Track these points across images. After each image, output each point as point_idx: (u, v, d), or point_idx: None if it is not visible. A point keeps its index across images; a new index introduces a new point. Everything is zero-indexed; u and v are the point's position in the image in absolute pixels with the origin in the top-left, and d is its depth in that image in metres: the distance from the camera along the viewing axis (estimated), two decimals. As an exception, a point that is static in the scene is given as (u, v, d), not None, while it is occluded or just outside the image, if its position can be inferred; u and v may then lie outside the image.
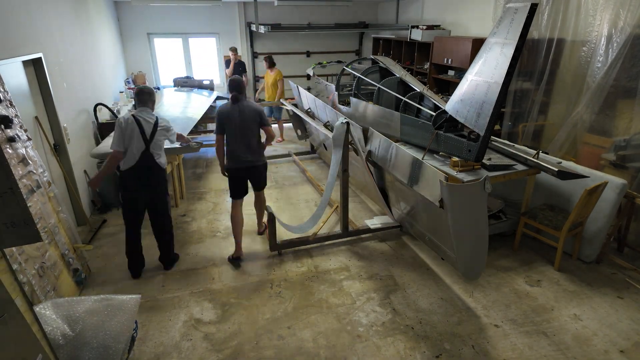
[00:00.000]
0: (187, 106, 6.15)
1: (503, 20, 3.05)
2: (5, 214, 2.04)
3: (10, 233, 2.09)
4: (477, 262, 2.84)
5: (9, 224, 2.07)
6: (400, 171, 3.29)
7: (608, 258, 3.77)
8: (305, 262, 3.82)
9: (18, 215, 2.07)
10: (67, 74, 4.43)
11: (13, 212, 2.06)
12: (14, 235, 2.10)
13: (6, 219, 2.05)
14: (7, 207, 2.04)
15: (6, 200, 2.03)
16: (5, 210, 2.04)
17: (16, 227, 2.09)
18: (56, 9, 4.34)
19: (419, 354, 2.76)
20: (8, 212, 2.04)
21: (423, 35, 6.38)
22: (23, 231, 2.10)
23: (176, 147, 4.32)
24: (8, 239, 2.12)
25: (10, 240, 2.14)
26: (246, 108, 3.58)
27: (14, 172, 2.24)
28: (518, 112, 5.19)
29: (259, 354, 2.77)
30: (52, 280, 2.94)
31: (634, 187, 3.80)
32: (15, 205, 2.05)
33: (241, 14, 8.13)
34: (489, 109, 3.08)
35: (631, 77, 3.87)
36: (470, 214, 2.63)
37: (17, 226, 2.09)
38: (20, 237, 2.12)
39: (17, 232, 2.10)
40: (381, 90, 4.85)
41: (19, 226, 2.09)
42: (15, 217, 2.06)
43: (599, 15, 4.11)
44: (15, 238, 2.12)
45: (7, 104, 2.98)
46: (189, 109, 5.93)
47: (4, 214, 2.04)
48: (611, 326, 2.97)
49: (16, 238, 2.13)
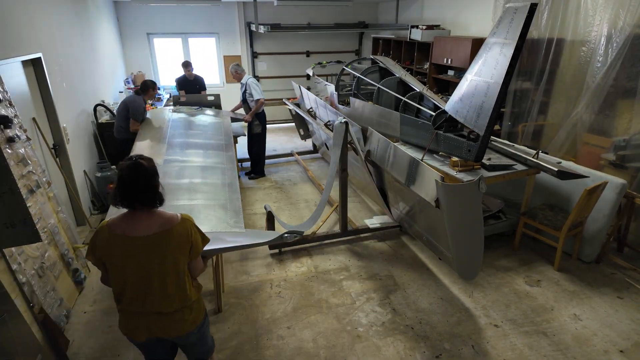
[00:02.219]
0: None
1: (503, 20, 3.05)
2: (5, 214, 2.04)
3: (10, 233, 2.09)
4: (473, 261, 2.84)
5: (8, 224, 2.07)
6: (398, 171, 3.29)
7: (608, 258, 3.77)
8: (305, 262, 3.82)
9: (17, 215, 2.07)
10: (66, 74, 4.42)
11: (12, 212, 2.06)
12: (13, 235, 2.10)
13: (6, 219, 2.05)
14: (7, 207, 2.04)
15: (6, 201, 2.03)
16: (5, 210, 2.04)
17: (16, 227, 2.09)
18: (56, 8, 4.34)
19: (418, 354, 2.76)
20: (7, 212, 2.05)
21: (423, 35, 6.38)
22: (22, 231, 2.11)
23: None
24: (7, 239, 2.12)
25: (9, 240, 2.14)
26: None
27: (14, 172, 2.24)
28: (518, 112, 5.19)
29: (259, 354, 2.77)
30: (52, 281, 2.94)
31: (634, 187, 3.80)
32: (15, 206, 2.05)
33: (241, 13, 8.13)
34: (489, 109, 3.08)
35: (631, 77, 3.87)
36: (465, 214, 2.63)
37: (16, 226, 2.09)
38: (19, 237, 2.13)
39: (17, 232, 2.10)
40: (381, 90, 4.85)
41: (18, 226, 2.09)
42: (15, 217, 2.07)
43: (598, 15, 4.11)
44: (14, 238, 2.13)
45: (6, 104, 2.98)
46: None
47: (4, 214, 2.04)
48: (611, 326, 2.97)
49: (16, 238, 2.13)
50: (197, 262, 1.90)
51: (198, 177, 3.43)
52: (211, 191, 3.19)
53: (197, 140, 4.34)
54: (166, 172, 3.43)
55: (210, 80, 8.64)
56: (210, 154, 4.00)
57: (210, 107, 5.87)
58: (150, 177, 1.75)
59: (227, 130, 4.82)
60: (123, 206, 1.75)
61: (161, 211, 1.80)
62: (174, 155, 3.82)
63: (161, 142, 4.17)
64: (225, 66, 8.46)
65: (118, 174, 1.73)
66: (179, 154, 3.87)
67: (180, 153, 3.91)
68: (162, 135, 4.40)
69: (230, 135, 4.70)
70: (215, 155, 3.96)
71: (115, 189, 1.74)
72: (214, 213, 2.84)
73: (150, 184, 1.74)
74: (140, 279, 1.75)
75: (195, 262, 1.89)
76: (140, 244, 1.72)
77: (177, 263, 1.78)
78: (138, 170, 1.71)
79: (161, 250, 1.74)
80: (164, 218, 1.77)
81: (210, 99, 5.98)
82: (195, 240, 1.82)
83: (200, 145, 4.20)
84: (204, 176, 3.46)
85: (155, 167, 1.80)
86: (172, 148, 4.02)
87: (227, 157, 3.96)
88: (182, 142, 4.23)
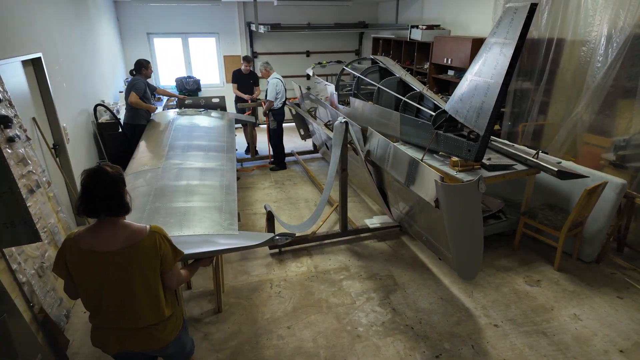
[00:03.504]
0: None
1: (503, 20, 3.05)
2: (5, 214, 2.04)
3: (10, 233, 2.09)
4: (473, 261, 2.84)
5: (8, 223, 2.07)
6: (398, 171, 3.29)
7: (608, 258, 3.77)
8: (305, 261, 3.82)
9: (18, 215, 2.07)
10: (66, 74, 4.42)
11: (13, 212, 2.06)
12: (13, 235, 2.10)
13: (6, 218, 2.05)
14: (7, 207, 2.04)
15: (6, 200, 2.03)
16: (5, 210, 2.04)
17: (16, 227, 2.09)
18: (56, 8, 4.34)
19: (418, 354, 2.76)
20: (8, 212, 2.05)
21: (423, 35, 6.38)
22: (22, 231, 2.11)
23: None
24: (8, 239, 2.12)
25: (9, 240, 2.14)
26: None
27: (14, 172, 2.24)
28: (518, 111, 5.19)
29: (259, 354, 2.77)
30: (52, 281, 2.94)
31: (634, 187, 3.80)
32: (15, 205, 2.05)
33: (241, 13, 8.13)
34: (489, 109, 3.08)
35: (631, 76, 3.87)
36: (465, 214, 2.63)
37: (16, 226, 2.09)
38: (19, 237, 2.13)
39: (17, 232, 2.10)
40: (381, 90, 4.85)
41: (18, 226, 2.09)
42: (15, 217, 2.07)
43: (598, 15, 4.11)
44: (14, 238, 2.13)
45: (6, 103, 2.98)
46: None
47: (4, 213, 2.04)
48: (611, 326, 2.97)
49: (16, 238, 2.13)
50: (171, 275, 1.78)
51: (196, 179, 3.42)
52: (208, 193, 3.19)
53: (199, 142, 4.33)
54: (165, 174, 3.42)
55: (210, 80, 8.65)
56: (210, 155, 3.99)
57: (216, 109, 5.89)
58: (112, 184, 1.63)
59: (231, 132, 4.85)
60: (87, 215, 1.65)
61: (128, 223, 1.71)
62: (174, 159, 3.81)
63: (163, 145, 4.17)
64: (225, 66, 8.47)
65: (80, 181, 1.64)
66: (179, 157, 3.87)
67: (181, 155, 3.90)
68: (165, 137, 4.40)
69: (234, 138, 4.71)
70: (216, 158, 3.96)
71: (77, 197, 1.65)
72: (208, 215, 2.83)
73: (113, 191, 1.63)
74: (112, 295, 1.68)
75: (169, 275, 1.78)
76: (106, 260, 1.64)
77: (146, 279, 1.69)
78: (98, 176, 1.61)
79: (128, 267, 1.65)
80: (130, 231, 1.68)
81: (215, 101, 6.00)
82: (165, 254, 1.72)
83: (202, 147, 4.19)
84: (202, 178, 3.46)
85: (120, 174, 1.70)
86: (174, 150, 4.01)
87: (227, 159, 3.96)
88: (184, 144, 4.22)
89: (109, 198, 1.64)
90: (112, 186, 1.64)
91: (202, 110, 5.72)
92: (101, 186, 1.61)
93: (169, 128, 4.73)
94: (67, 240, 1.67)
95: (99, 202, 1.62)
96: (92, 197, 1.62)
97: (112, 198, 1.64)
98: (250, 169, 6.33)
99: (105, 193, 1.62)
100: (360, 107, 5.03)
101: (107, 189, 1.62)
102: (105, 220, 1.67)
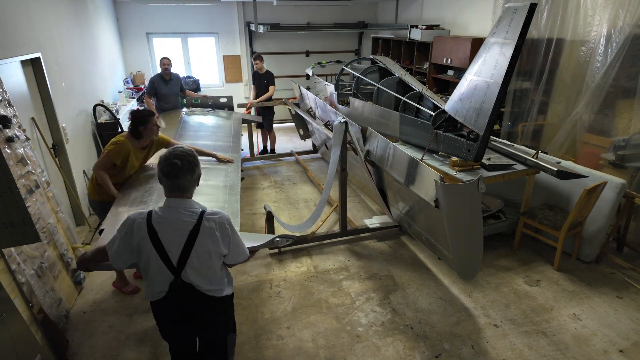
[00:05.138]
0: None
1: (502, 20, 3.05)
2: (4, 214, 2.04)
3: (9, 233, 2.08)
4: (473, 261, 2.84)
5: (7, 223, 2.07)
6: (398, 171, 3.29)
7: (607, 258, 3.77)
8: (305, 261, 3.82)
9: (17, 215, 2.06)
10: (65, 74, 4.42)
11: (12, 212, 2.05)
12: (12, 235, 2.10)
13: (5, 218, 2.04)
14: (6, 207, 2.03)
15: (5, 200, 2.02)
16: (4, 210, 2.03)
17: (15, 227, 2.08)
18: (55, 8, 4.33)
19: (418, 354, 2.76)
20: (7, 212, 2.04)
21: (422, 35, 6.38)
22: (22, 231, 2.10)
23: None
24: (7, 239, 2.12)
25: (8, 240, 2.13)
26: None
27: (13, 172, 2.23)
28: (517, 111, 5.19)
29: (259, 354, 2.77)
30: (51, 281, 2.94)
31: (633, 186, 3.80)
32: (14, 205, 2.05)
33: (240, 13, 8.12)
34: (488, 109, 3.08)
35: (630, 76, 3.87)
36: (465, 214, 2.63)
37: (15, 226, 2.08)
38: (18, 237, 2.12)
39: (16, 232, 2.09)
40: (380, 90, 4.85)
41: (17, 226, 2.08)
42: (14, 217, 2.06)
43: (598, 15, 4.11)
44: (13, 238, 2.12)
45: (5, 103, 2.98)
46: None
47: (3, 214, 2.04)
48: (610, 326, 2.97)
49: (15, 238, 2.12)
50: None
51: (200, 179, 3.41)
52: (211, 193, 3.17)
53: (205, 142, 4.30)
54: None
55: (210, 80, 8.65)
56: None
57: (223, 108, 5.88)
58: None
59: (237, 132, 4.84)
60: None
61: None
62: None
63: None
64: (224, 66, 8.47)
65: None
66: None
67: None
68: (172, 136, 4.36)
69: (239, 137, 4.70)
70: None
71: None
72: None
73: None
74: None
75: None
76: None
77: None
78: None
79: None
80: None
81: (223, 101, 5.99)
82: None
83: (207, 147, 4.16)
84: (206, 178, 3.44)
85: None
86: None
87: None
88: (190, 144, 4.19)
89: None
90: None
91: (210, 110, 5.71)
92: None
93: (176, 127, 4.72)
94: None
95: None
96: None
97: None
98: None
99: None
100: (359, 107, 5.03)
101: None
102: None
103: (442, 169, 3.54)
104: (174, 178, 1.73)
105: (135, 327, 3.01)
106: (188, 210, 1.76)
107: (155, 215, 1.74)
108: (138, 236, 1.73)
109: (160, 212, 1.75)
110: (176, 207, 1.76)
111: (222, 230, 1.79)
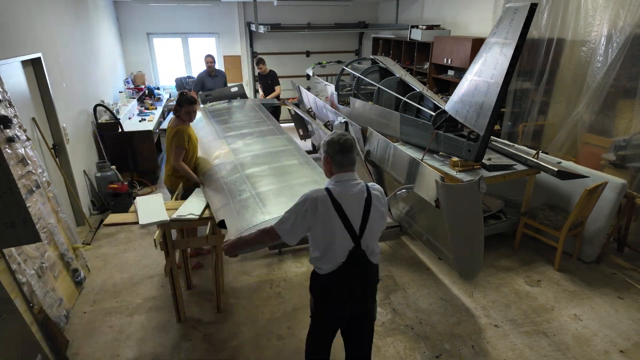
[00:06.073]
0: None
1: (503, 20, 3.05)
2: (5, 214, 2.04)
3: (10, 233, 2.08)
4: (474, 262, 2.84)
5: (8, 224, 2.07)
6: (398, 171, 3.29)
7: (608, 258, 3.77)
8: (305, 262, 3.82)
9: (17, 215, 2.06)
10: (66, 74, 4.42)
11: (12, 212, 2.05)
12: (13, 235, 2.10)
13: (5, 219, 2.05)
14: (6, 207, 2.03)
15: (5, 201, 2.02)
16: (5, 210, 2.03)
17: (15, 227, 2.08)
18: (55, 8, 4.33)
19: (418, 354, 2.76)
20: (7, 212, 2.04)
21: (423, 35, 6.38)
22: (22, 231, 2.10)
23: None
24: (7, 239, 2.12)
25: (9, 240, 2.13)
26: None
27: (13, 172, 2.23)
28: (518, 112, 5.19)
29: (259, 354, 2.77)
30: (52, 281, 2.94)
31: (634, 187, 3.80)
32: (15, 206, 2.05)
33: (240, 13, 8.12)
34: (489, 109, 3.08)
35: (631, 76, 3.87)
36: (466, 214, 2.63)
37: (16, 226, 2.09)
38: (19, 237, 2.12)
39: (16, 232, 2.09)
40: (381, 90, 4.85)
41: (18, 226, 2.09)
42: (15, 217, 2.06)
43: (598, 15, 4.11)
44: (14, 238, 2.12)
45: (6, 104, 2.98)
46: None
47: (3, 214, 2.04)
48: (611, 326, 2.97)
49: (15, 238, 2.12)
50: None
51: (275, 162, 3.36)
52: (297, 170, 3.18)
53: (246, 131, 4.18)
54: (244, 162, 3.32)
55: (210, 80, 8.64)
56: (269, 140, 3.91)
57: (236, 97, 5.68)
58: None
59: (269, 116, 4.69)
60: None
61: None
62: (238, 146, 3.72)
63: (219, 138, 4.00)
64: (225, 66, 8.46)
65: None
66: (241, 145, 3.75)
67: (241, 144, 3.78)
68: (212, 132, 4.23)
69: (274, 120, 4.56)
70: (275, 140, 3.91)
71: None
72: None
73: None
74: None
75: None
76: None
77: None
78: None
79: None
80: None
81: (234, 90, 5.79)
82: None
83: (252, 134, 4.07)
84: (278, 160, 3.39)
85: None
86: (232, 142, 3.85)
87: (286, 140, 3.92)
88: (236, 134, 4.08)
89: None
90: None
91: (226, 101, 5.52)
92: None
93: (208, 124, 4.48)
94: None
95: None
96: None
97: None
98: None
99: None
100: (360, 107, 5.03)
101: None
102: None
103: (443, 169, 3.54)
104: (348, 153, 1.93)
105: (135, 327, 3.01)
106: (356, 181, 1.97)
107: (334, 191, 1.90)
108: (323, 211, 1.88)
109: (337, 187, 1.92)
110: (347, 180, 1.94)
111: (383, 197, 2.06)
